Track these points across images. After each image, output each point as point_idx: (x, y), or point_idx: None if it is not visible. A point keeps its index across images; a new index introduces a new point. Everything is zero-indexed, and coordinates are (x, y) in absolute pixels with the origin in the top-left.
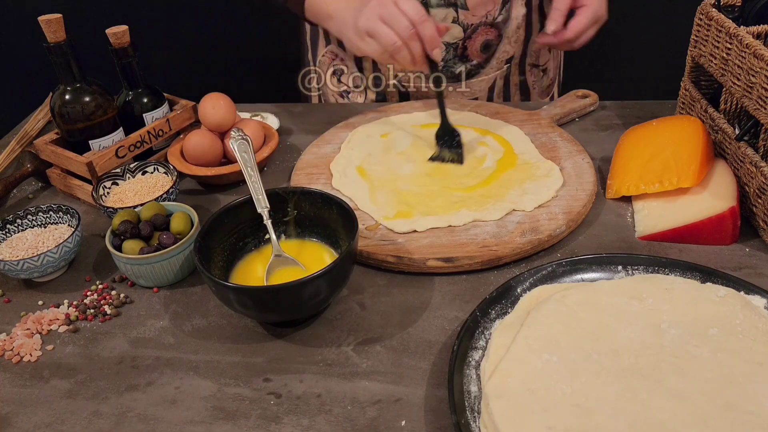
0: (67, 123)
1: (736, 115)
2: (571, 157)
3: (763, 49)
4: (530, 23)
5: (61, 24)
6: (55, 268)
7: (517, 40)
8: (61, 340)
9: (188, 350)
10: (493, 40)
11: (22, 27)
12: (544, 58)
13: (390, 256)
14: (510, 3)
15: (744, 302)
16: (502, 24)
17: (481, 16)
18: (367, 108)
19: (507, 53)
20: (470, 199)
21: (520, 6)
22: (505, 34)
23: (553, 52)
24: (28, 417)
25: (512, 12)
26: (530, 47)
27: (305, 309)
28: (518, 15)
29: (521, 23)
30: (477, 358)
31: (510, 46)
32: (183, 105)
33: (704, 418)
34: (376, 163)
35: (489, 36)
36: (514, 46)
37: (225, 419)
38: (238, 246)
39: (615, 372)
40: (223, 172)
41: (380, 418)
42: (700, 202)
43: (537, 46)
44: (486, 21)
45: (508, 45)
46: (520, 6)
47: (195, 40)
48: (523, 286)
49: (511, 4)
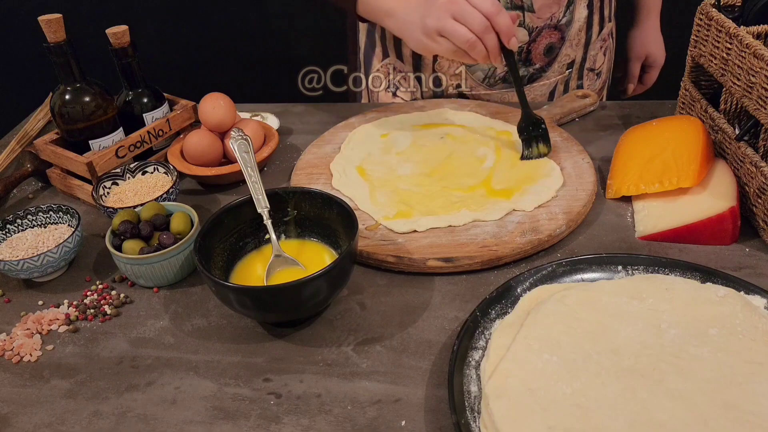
0: (67, 123)
1: (736, 115)
2: (571, 157)
3: (763, 49)
4: (591, 25)
5: (61, 24)
6: (55, 268)
7: (578, 43)
8: (61, 340)
9: (188, 350)
10: (556, 42)
11: (22, 27)
12: (599, 62)
13: (390, 256)
14: (573, 4)
15: (744, 302)
16: (565, 26)
17: (546, 18)
18: (367, 108)
19: (568, 57)
20: (470, 198)
21: (583, 8)
22: (567, 36)
23: (608, 54)
24: (28, 417)
25: (575, 14)
26: (589, 51)
27: (305, 309)
28: (580, 17)
29: (583, 25)
30: (477, 358)
31: (572, 49)
32: (183, 105)
33: (704, 418)
34: (376, 163)
35: (552, 39)
36: (576, 50)
37: (225, 419)
38: (238, 246)
39: (615, 372)
40: (223, 172)
41: (380, 418)
42: (700, 202)
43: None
44: (550, 23)
45: (570, 48)
46: (583, 8)
47: (195, 40)
48: (523, 286)
49: (574, 6)
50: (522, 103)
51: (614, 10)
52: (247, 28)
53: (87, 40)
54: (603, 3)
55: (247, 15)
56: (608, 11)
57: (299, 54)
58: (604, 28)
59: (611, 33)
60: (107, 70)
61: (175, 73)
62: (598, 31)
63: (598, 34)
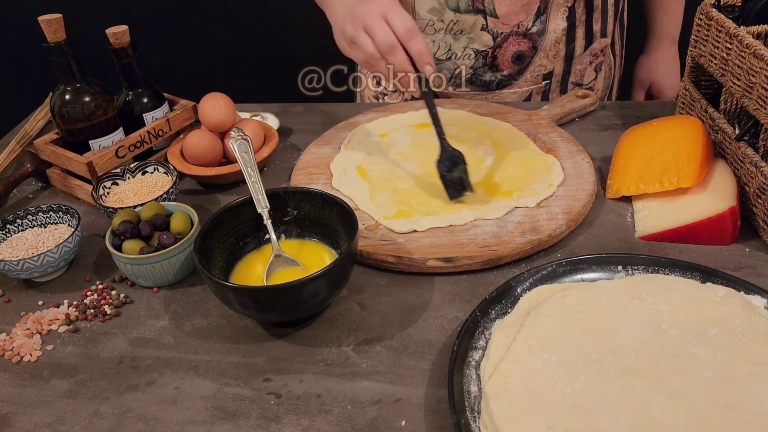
0: (67, 123)
1: (736, 115)
2: (571, 157)
3: (763, 49)
4: (573, 38)
5: (61, 24)
6: (55, 268)
7: (556, 55)
8: (61, 340)
9: (188, 350)
10: (526, 51)
11: (22, 27)
12: (588, 78)
13: (390, 256)
14: (547, 15)
15: (744, 302)
16: (537, 36)
17: (512, 25)
18: (367, 108)
19: (544, 67)
20: (471, 197)
21: (560, 19)
22: (540, 46)
23: (603, 72)
24: (28, 417)
25: (549, 24)
26: (574, 65)
27: (305, 309)
28: (557, 28)
29: (561, 37)
30: (477, 358)
31: (547, 60)
32: (183, 105)
33: (704, 418)
34: (375, 163)
35: (521, 47)
36: (553, 61)
37: (225, 419)
38: (238, 246)
39: (615, 372)
40: (223, 172)
41: (380, 418)
42: (700, 202)
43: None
44: (518, 31)
45: (545, 59)
46: (560, 19)
47: (195, 40)
48: (523, 286)
49: (548, 17)
50: (438, 132)
51: (613, 27)
52: (247, 28)
53: (87, 40)
54: (591, 17)
55: (247, 15)
56: (599, 26)
57: (299, 54)
58: (594, 43)
59: (611, 50)
60: (107, 70)
61: (175, 73)
62: (584, 45)
63: (584, 49)
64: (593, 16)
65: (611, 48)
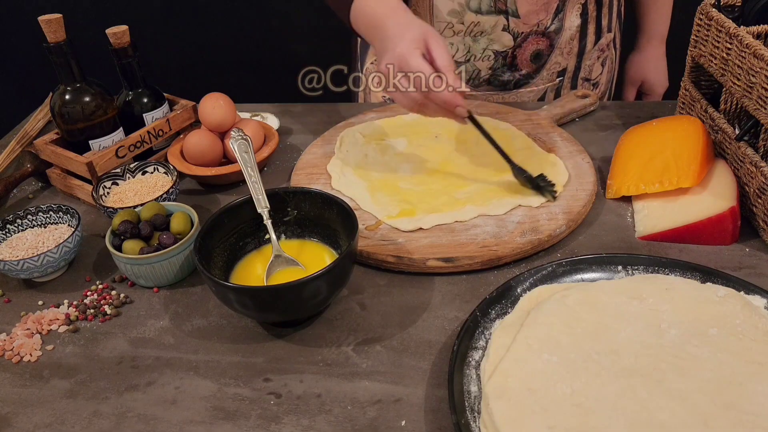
0: (67, 123)
1: (736, 115)
2: (571, 157)
3: (763, 49)
4: (585, 34)
5: (61, 24)
6: (55, 268)
7: (570, 51)
8: (61, 340)
9: (188, 350)
10: (543, 50)
11: (22, 27)
12: (595, 72)
13: (390, 256)
14: (563, 12)
15: (744, 302)
16: (554, 34)
17: (533, 24)
18: (368, 108)
19: (558, 65)
20: (475, 193)
21: (575, 16)
22: (556, 44)
23: (608, 65)
24: (28, 417)
25: (565, 22)
26: (584, 60)
27: (305, 309)
28: (572, 25)
29: (575, 34)
30: (477, 358)
31: (562, 57)
32: (183, 105)
33: (704, 418)
34: (374, 164)
35: (540, 45)
36: (567, 58)
37: (225, 419)
38: (238, 246)
39: (615, 372)
40: (223, 172)
41: (380, 418)
42: (700, 202)
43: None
44: (537, 30)
45: (560, 56)
46: (575, 16)
47: (195, 40)
48: (523, 286)
49: (564, 14)
50: (506, 160)
51: (615, 21)
52: (247, 28)
53: (87, 40)
54: (600, 12)
55: (247, 15)
56: (606, 21)
57: (299, 54)
58: (602, 38)
59: (613, 44)
60: (107, 70)
61: (175, 73)
62: (594, 40)
63: (594, 44)
64: (602, 12)
65: (613, 42)
